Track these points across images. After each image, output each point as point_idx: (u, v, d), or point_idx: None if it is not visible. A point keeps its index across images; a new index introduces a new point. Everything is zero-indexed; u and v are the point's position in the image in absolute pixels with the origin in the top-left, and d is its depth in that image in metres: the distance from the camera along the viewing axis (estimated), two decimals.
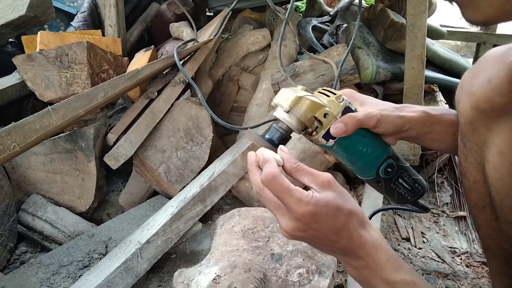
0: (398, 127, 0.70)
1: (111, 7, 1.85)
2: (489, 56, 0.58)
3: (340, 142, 0.67)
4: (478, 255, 1.24)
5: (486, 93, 0.54)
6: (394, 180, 0.75)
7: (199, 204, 1.21)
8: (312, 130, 0.66)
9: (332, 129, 0.65)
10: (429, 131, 0.73)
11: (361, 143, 0.69)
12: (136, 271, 1.06)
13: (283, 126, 0.65)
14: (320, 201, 0.56)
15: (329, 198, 0.57)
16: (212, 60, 1.85)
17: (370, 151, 0.70)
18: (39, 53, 1.43)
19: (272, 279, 0.85)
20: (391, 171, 0.73)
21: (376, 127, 0.68)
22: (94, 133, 1.32)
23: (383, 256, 0.57)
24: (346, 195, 0.59)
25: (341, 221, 0.57)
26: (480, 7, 0.49)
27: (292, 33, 1.78)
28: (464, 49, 3.76)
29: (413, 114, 0.72)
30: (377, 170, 0.72)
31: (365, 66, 1.55)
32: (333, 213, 0.56)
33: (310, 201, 0.56)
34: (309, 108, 0.63)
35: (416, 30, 1.39)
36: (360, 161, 0.71)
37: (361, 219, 0.59)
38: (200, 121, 1.42)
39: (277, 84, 1.51)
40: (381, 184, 0.75)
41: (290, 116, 0.64)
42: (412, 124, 0.71)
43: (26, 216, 1.27)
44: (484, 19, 0.50)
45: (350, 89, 0.75)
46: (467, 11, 0.51)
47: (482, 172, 0.58)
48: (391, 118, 0.69)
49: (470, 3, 0.50)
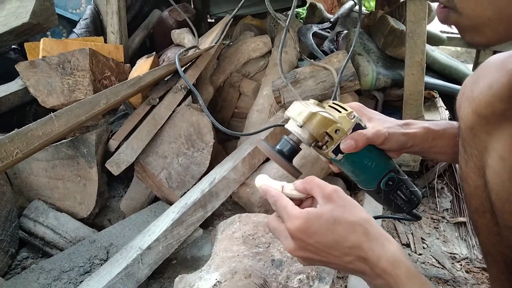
0: (402, 144, 0.73)
1: (113, 14, 1.86)
2: (491, 62, 0.58)
3: (348, 156, 0.69)
4: (478, 261, 1.24)
5: (487, 99, 0.54)
6: (393, 192, 0.77)
7: (200, 210, 1.22)
8: (322, 144, 0.68)
9: (342, 145, 0.67)
10: (432, 146, 0.75)
11: (367, 158, 0.71)
12: (137, 277, 1.06)
13: (294, 138, 0.67)
14: (312, 215, 0.56)
15: (324, 210, 0.56)
16: (213, 67, 1.86)
17: (374, 165, 0.73)
18: (41, 59, 1.44)
19: (272, 285, 0.85)
20: (392, 184, 0.75)
21: (383, 144, 0.71)
22: (96, 139, 1.33)
23: (403, 273, 0.53)
24: (350, 207, 0.58)
25: (341, 233, 0.55)
26: (484, 33, 0.50)
27: (293, 40, 1.79)
28: (464, 55, 3.77)
29: (416, 130, 0.74)
30: (378, 182, 0.74)
31: (365, 73, 1.56)
32: (328, 226, 0.55)
33: (300, 215, 0.56)
34: (322, 123, 0.65)
35: (416, 37, 1.40)
36: (364, 174, 0.74)
37: (368, 231, 0.56)
38: (201, 127, 1.43)
39: (277, 91, 1.52)
40: (381, 195, 0.77)
41: (303, 131, 0.66)
42: (415, 140, 0.74)
43: (27, 222, 1.27)
44: (486, 42, 0.51)
45: (359, 103, 0.77)
46: (467, 35, 0.52)
47: (483, 178, 0.58)
48: (396, 136, 0.71)
49: (471, 28, 0.50)
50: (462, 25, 0.51)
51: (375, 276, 0.55)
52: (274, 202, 0.60)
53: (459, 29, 0.52)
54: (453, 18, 0.51)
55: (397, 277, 0.53)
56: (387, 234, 0.58)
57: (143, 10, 2.38)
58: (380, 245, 0.55)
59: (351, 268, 0.57)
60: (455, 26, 0.52)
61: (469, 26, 0.51)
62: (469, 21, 0.50)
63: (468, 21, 0.50)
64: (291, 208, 0.57)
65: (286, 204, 0.58)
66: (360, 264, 0.55)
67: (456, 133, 0.70)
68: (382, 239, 0.56)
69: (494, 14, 0.47)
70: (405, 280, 0.53)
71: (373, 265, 0.54)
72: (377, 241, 0.56)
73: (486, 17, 0.48)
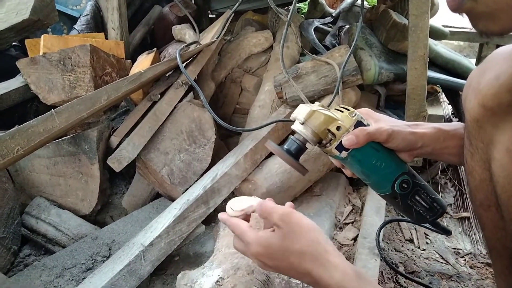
0: (411, 144, 0.72)
1: (114, 10, 1.85)
2: (498, 54, 0.57)
3: (354, 154, 0.70)
4: (482, 256, 1.23)
5: (494, 90, 0.54)
6: (411, 196, 0.75)
7: (202, 206, 1.21)
8: (326, 142, 0.71)
9: (343, 140, 0.69)
10: (444, 147, 0.74)
11: (375, 157, 0.71)
12: (140, 274, 1.06)
13: (300, 138, 0.71)
14: (262, 243, 0.62)
15: (273, 240, 0.61)
16: (214, 62, 1.85)
17: (384, 165, 0.72)
18: (42, 56, 1.44)
19: (275, 281, 0.85)
20: (407, 187, 0.74)
21: (388, 142, 0.70)
22: (97, 136, 1.32)
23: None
24: (298, 231, 0.62)
25: (292, 261, 0.60)
26: (499, 19, 0.49)
27: (294, 35, 1.78)
28: (467, 49, 3.75)
29: (425, 130, 0.73)
30: (392, 185, 0.73)
31: (368, 67, 1.55)
32: (280, 254, 0.61)
33: (255, 242, 0.62)
34: (323, 120, 0.69)
35: (418, 31, 1.39)
36: (374, 175, 0.73)
37: (316, 257, 0.60)
38: (202, 123, 1.42)
39: (279, 86, 1.51)
40: (398, 200, 0.75)
41: (305, 128, 0.70)
42: (425, 140, 0.72)
43: (29, 219, 1.27)
44: (500, 30, 0.50)
45: (368, 108, 0.77)
46: (481, 23, 0.51)
47: (488, 170, 0.58)
48: (402, 135, 0.71)
49: (486, 15, 0.49)
50: (477, 12, 0.50)
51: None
52: (233, 229, 0.67)
53: (472, 17, 0.51)
54: (468, 5, 0.50)
55: None
56: (333, 255, 0.61)
57: (144, 6, 2.37)
58: (328, 272, 0.60)
59: (310, 285, 0.64)
60: (468, 14, 0.51)
61: (484, 13, 0.49)
62: (484, 7, 0.49)
63: (484, 7, 0.48)
64: (247, 233, 0.63)
65: (242, 229, 0.64)
66: (315, 285, 0.61)
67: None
68: (329, 266, 0.60)
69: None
70: None
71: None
72: (324, 269, 0.60)
73: (504, 3, 0.47)
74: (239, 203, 0.71)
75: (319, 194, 1.41)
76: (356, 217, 1.36)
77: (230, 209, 0.70)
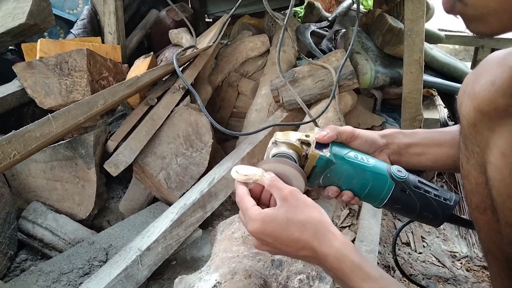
0: (374, 141, 0.78)
1: (111, 14, 1.85)
2: (492, 59, 0.58)
3: (335, 153, 0.72)
4: (478, 259, 1.24)
5: (489, 95, 0.54)
6: (415, 184, 0.71)
7: (199, 211, 1.21)
8: (305, 153, 0.73)
9: (317, 137, 0.72)
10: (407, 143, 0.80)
11: (353, 151, 0.74)
12: (137, 278, 1.06)
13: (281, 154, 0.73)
14: (268, 216, 0.61)
15: (279, 213, 0.61)
16: (211, 66, 1.85)
17: (369, 160, 0.73)
18: (39, 60, 1.44)
19: (272, 285, 0.85)
20: (403, 172, 0.71)
21: (352, 141, 0.75)
22: (94, 140, 1.32)
23: (347, 267, 0.59)
24: (303, 206, 0.62)
25: (293, 232, 0.60)
26: (488, 22, 0.50)
27: (291, 39, 1.79)
28: (462, 53, 3.77)
29: (390, 131, 0.81)
30: (390, 175, 0.71)
31: (364, 71, 1.56)
32: (283, 227, 0.60)
33: (258, 218, 0.61)
34: (288, 134, 0.73)
35: (414, 35, 1.40)
36: (367, 170, 0.71)
37: (317, 229, 0.61)
38: (199, 127, 1.42)
39: (276, 90, 1.52)
40: (409, 192, 0.70)
41: (280, 145, 0.73)
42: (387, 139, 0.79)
43: (26, 224, 1.27)
44: (490, 32, 0.52)
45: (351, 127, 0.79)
46: (472, 24, 0.53)
47: (484, 174, 0.58)
48: (365, 135, 0.77)
49: (477, 18, 0.51)
50: (467, 15, 0.52)
51: (326, 270, 0.62)
52: (238, 202, 0.66)
53: (464, 19, 0.53)
54: (459, 8, 0.52)
55: (342, 270, 0.59)
56: (335, 229, 0.62)
57: (141, 10, 2.38)
58: (328, 242, 0.60)
59: (307, 261, 0.64)
60: (461, 16, 0.53)
61: (474, 16, 0.51)
62: (474, 11, 0.50)
63: (473, 10, 0.50)
64: (251, 210, 0.63)
65: (247, 206, 0.64)
66: (313, 259, 0.61)
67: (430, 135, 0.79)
68: (329, 236, 0.61)
69: (499, 4, 0.48)
70: (349, 273, 0.58)
71: (322, 260, 0.60)
72: (324, 238, 0.60)
73: (491, 7, 0.48)
74: (245, 169, 0.70)
75: (316, 197, 1.42)
76: (353, 220, 1.36)
77: (235, 172, 0.70)
